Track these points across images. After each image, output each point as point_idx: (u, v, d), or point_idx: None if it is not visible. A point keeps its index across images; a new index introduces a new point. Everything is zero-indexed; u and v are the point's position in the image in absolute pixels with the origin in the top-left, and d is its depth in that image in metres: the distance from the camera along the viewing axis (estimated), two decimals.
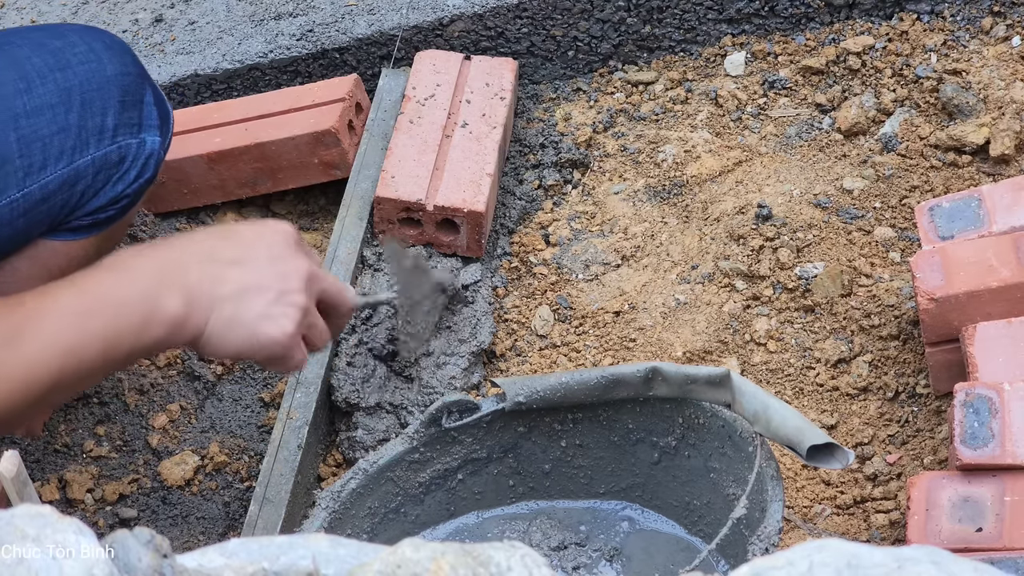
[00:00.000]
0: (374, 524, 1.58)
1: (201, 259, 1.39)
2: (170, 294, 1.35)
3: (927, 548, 0.84)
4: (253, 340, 1.39)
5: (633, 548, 1.60)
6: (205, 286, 1.37)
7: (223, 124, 2.06)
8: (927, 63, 2.06)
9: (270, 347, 1.40)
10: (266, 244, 1.42)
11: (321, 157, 2.01)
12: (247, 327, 1.38)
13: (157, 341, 1.35)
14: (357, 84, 2.08)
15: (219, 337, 1.38)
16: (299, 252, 1.44)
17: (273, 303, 1.40)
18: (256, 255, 1.41)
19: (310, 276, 1.43)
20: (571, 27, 2.17)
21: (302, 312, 1.41)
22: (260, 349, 1.40)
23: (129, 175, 1.67)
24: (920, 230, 1.75)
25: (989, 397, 1.52)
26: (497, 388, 1.65)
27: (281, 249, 1.43)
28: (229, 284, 1.38)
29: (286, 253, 1.43)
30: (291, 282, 1.41)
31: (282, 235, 1.44)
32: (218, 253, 1.40)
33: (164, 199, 2.06)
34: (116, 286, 1.35)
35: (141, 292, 1.34)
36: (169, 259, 1.38)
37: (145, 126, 1.68)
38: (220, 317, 1.37)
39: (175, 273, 1.36)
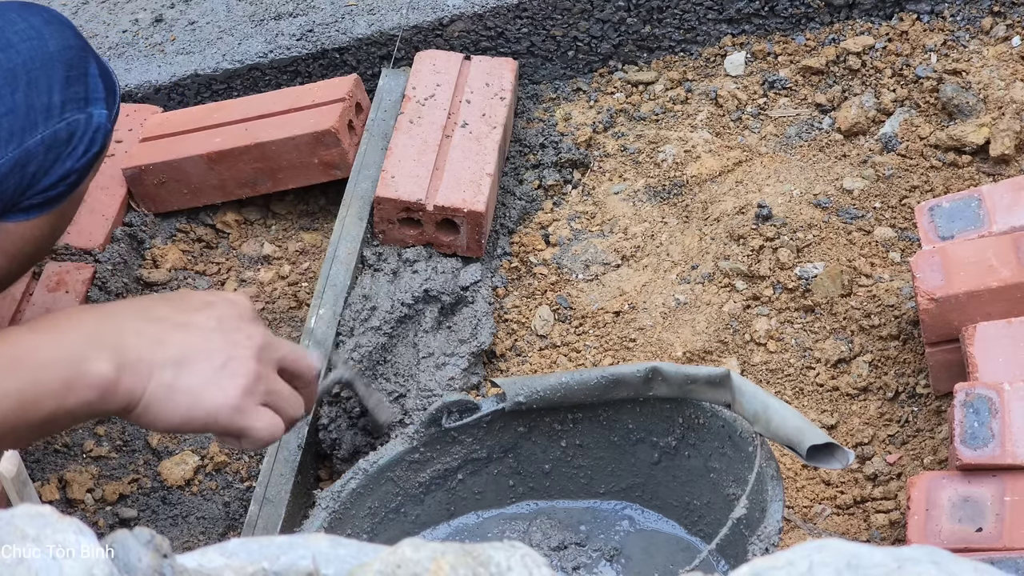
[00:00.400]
0: (374, 524, 1.58)
1: (140, 320, 1.32)
2: (99, 356, 1.27)
3: (927, 548, 0.84)
4: (197, 409, 1.31)
5: (633, 548, 1.60)
6: (143, 350, 1.30)
7: (223, 124, 2.06)
8: (927, 63, 2.06)
9: (216, 415, 1.32)
10: (215, 312, 1.36)
11: (321, 157, 2.01)
12: (189, 395, 1.31)
13: (84, 405, 1.27)
14: (357, 84, 2.08)
15: (159, 405, 1.30)
16: (251, 323, 1.37)
17: (219, 369, 1.32)
18: (202, 321, 1.34)
19: (262, 345, 1.36)
20: (571, 27, 2.17)
21: (251, 378, 1.34)
22: (206, 418, 1.32)
23: (78, 150, 1.64)
24: (920, 230, 1.75)
25: (989, 397, 1.52)
26: (497, 388, 1.65)
27: (231, 319, 1.36)
28: (170, 348, 1.31)
29: (236, 323, 1.36)
30: (239, 349, 1.34)
31: (234, 306, 1.37)
32: (160, 315, 1.33)
33: (164, 199, 2.06)
34: (40, 345, 1.28)
35: (67, 353, 1.27)
36: (104, 319, 1.31)
37: (91, 99, 1.65)
38: (159, 384, 1.30)
39: (108, 334, 1.29)
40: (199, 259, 2.06)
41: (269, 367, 1.38)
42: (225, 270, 2.05)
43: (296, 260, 2.05)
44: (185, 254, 2.05)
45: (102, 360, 1.27)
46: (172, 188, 2.05)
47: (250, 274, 2.04)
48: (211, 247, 2.08)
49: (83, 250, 1.98)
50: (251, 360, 1.34)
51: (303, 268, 2.04)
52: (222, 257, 2.06)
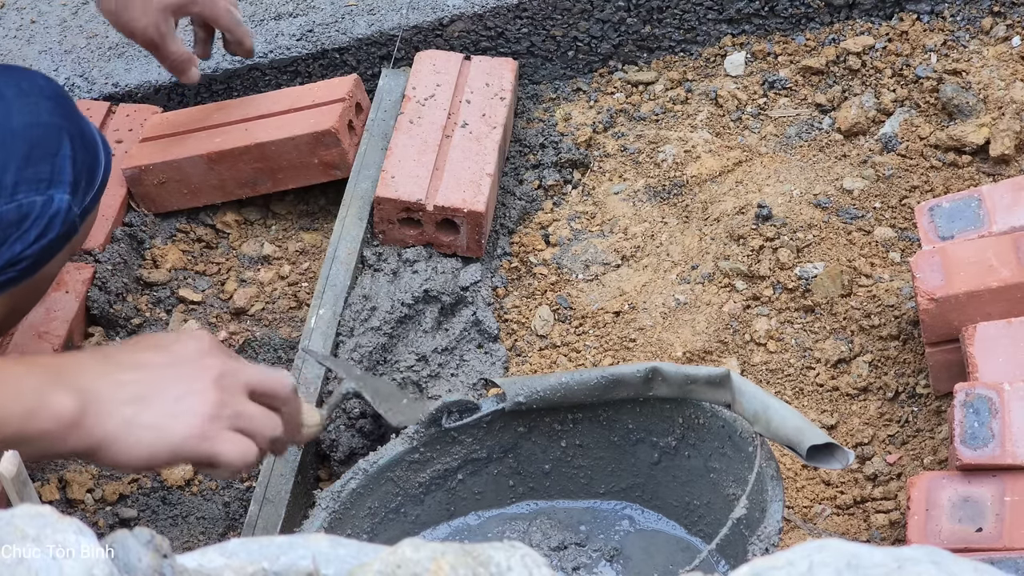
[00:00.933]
0: (374, 524, 1.58)
1: (98, 363, 1.33)
2: (61, 392, 1.28)
3: (927, 548, 0.85)
4: (160, 442, 1.32)
5: (633, 548, 1.60)
6: (103, 390, 1.31)
7: (223, 124, 2.06)
8: (927, 63, 2.06)
9: (180, 447, 1.33)
10: (173, 349, 1.37)
11: (321, 157, 2.01)
12: (151, 429, 1.32)
13: (45, 435, 1.28)
14: (357, 84, 2.08)
15: (122, 443, 1.31)
16: (211, 355, 1.38)
17: (177, 401, 1.33)
18: (158, 359, 1.35)
19: (221, 372, 1.37)
20: (571, 27, 2.17)
21: (212, 405, 1.35)
22: (171, 450, 1.33)
23: (30, 235, 1.57)
24: (920, 230, 1.75)
25: (989, 397, 1.52)
26: (497, 388, 1.65)
27: (189, 354, 1.37)
28: (128, 387, 1.32)
29: (193, 357, 1.37)
30: (196, 381, 1.35)
31: (193, 341, 1.38)
32: (118, 358, 1.34)
33: (164, 199, 2.06)
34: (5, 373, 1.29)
35: (32, 383, 1.28)
36: (65, 362, 1.33)
37: (55, 182, 1.58)
38: (121, 422, 1.31)
39: (70, 374, 1.30)
40: (199, 259, 2.06)
41: (234, 392, 1.38)
42: (225, 270, 2.05)
43: (296, 260, 2.05)
44: (185, 254, 2.05)
45: (64, 396, 1.29)
46: (172, 188, 2.05)
47: (250, 274, 2.04)
48: (211, 247, 2.08)
49: (83, 250, 1.98)
50: (210, 389, 1.35)
51: (303, 268, 2.04)
52: (222, 257, 2.06)
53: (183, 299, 2.00)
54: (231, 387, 1.38)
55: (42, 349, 1.86)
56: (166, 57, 1.96)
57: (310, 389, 1.80)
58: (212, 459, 1.35)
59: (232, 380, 1.38)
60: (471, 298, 1.92)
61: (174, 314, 1.98)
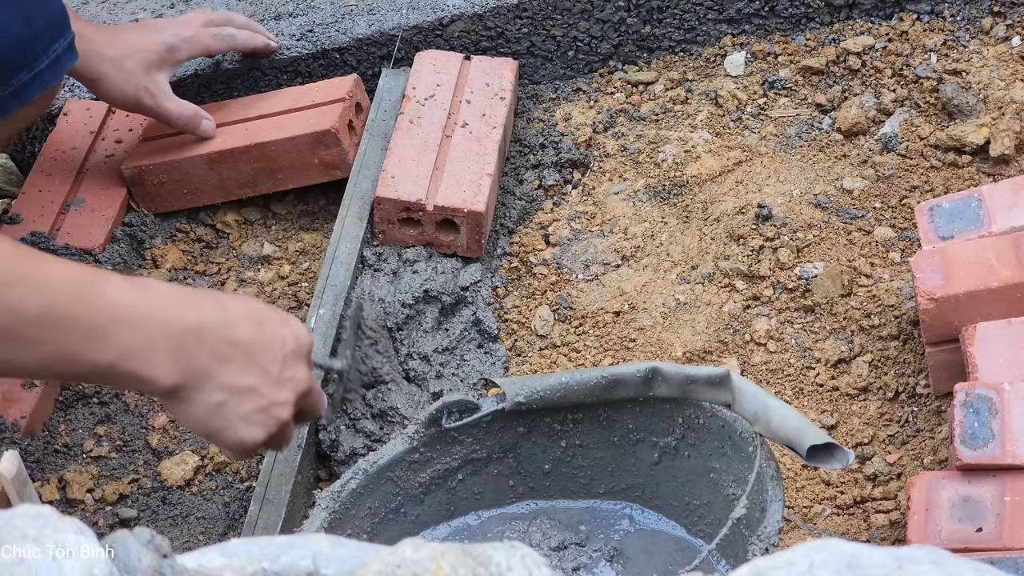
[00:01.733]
0: (374, 524, 1.58)
1: (220, 339, 1.36)
2: (170, 365, 1.32)
3: (927, 548, 0.85)
4: (225, 434, 1.39)
5: (633, 548, 1.60)
6: (211, 366, 1.36)
7: (223, 124, 2.06)
8: (927, 63, 2.07)
9: (236, 447, 1.41)
10: (281, 348, 1.42)
11: (321, 157, 2.01)
12: (226, 421, 1.38)
13: (129, 382, 1.33)
14: (357, 84, 2.08)
15: (200, 414, 1.37)
16: (305, 363, 1.45)
17: (260, 411, 1.40)
18: (268, 356, 1.40)
19: (305, 391, 1.45)
20: (571, 27, 2.17)
21: (281, 426, 1.42)
22: (225, 443, 1.41)
23: None
24: (920, 230, 1.75)
25: (989, 397, 1.52)
26: (497, 388, 1.65)
27: (293, 357, 1.43)
28: (231, 377, 1.37)
29: (294, 362, 1.43)
30: (285, 393, 1.42)
31: (299, 344, 1.44)
32: (239, 338, 1.38)
33: (164, 199, 2.06)
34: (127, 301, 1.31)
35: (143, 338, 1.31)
36: (193, 321, 1.35)
37: None
38: (208, 400, 1.36)
39: (190, 340, 1.34)
40: (199, 259, 2.06)
41: (294, 413, 1.46)
42: (225, 270, 2.05)
43: (296, 260, 2.05)
44: (185, 254, 2.05)
45: (171, 371, 1.33)
46: (172, 188, 2.05)
47: (250, 274, 2.04)
48: (211, 247, 2.08)
49: (83, 250, 1.98)
50: (289, 407, 1.43)
51: (303, 268, 2.04)
52: (222, 257, 2.06)
53: None
54: (299, 405, 1.46)
55: None
56: (168, 119, 1.98)
57: None
58: (232, 452, 1.43)
59: (304, 399, 1.46)
60: (471, 298, 1.92)
61: None
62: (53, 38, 1.73)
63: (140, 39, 1.95)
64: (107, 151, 2.10)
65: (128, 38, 1.95)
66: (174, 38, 1.97)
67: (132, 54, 1.93)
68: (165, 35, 1.96)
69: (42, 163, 2.09)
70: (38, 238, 1.98)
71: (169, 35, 1.97)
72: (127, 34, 1.96)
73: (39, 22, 1.71)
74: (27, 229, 1.99)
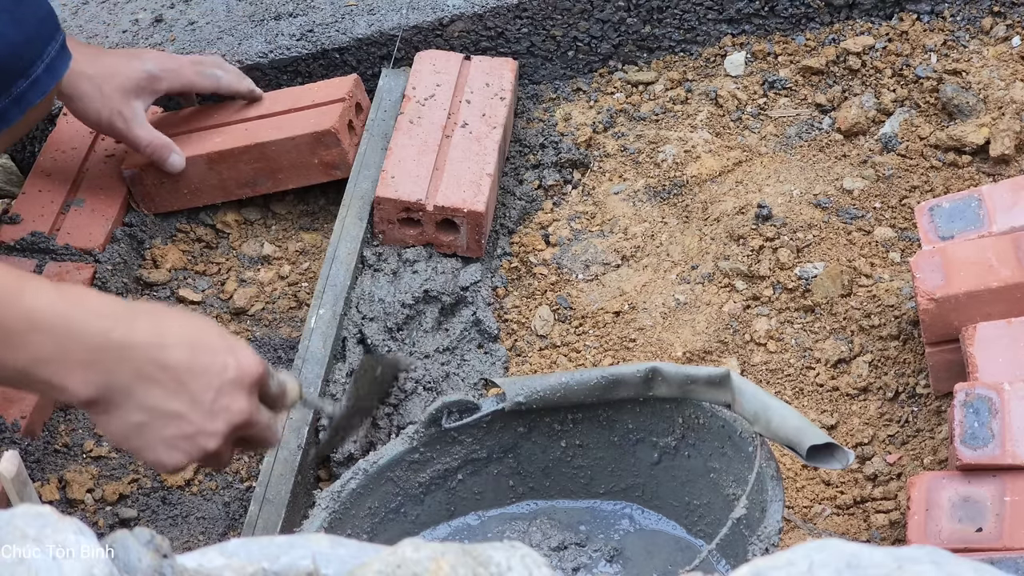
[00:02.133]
0: (374, 524, 1.58)
1: (151, 363, 1.35)
2: (83, 377, 1.32)
3: (927, 548, 0.85)
4: (143, 454, 1.38)
5: (633, 548, 1.60)
6: (133, 386, 1.34)
7: (223, 124, 2.06)
8: (927, 63, 2.07)
9: (155, 467, 1.41)
10: (218, 376, 1.39)
11: (321, 157, 2.01)
12: (144, 441, 1.37)
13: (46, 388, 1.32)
14: (357, 84, 2.08)
15: (116, 430, 1.36)
16: (245, 394, 1.41)
17: (184, 438, 1.38)
18: (201, 383, 1.38)
19: (242, 423, 1.42)
20: (571, 27, 2.17)
21: (206, 455, 1.40)
22: (144, 461, 1.40)
23: None
24: (920, 230, 1.75)
25: (989, 397, 1.52)
26: (497, 388, 1.65)
27: (231, 387, 1.40)
28: (156, 400, 1.36)
29: (232, 391, 1.40)
30: (216, 424, 1.39)
31: (241, 374, 1.40)
32: (172, 362, 1.36)
33: (164, 199, 2.06)
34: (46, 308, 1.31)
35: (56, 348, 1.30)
36: (118, 334, 1.33)
37: None
38: (127, 419, 1.36)
39: (112, 354, 1.32)
40: (199, 259, 2.06)
41: (228, 443, 1.43)
42: (225, 270, 2.05)
43: (296, 260, 2.05)
44: (185, 254, 2.05)
45: (87, 385, 1.32)
46: (172, 188, 2.05)
47: (250, 274, 2.04)
48: (211, 247, 2.08)
49: (83, 250, 1.98)
50: (218, 437, 1.40)
51: (303, 268, 2.04)
52: (222, 257, 2.06)
53: (183, 299, 2.00)
54: (234, 437, 1.43)
55: None
56: (137, 147, 1.97)
57: (310, 388, 1.80)
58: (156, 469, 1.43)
59: (242, 432, 1.43)
60: (471, 298, 1.92)
61: None
62: (45, 41, 1.73)
63: (122, 64, 1.94)
64: (107, 151, 2.10)
65: (110, 61, 1.94)
66: (156, 68, 1.96)
67: (112, 76, 1.92)
68: (148, 64, 1.96)
69: (42, 163, 2.09)
70: (38, 238, 1.98)
71: (152, 64, 1.96)
72: (110, 57, 1.96)
73: (30, 26, 1.71)
74: (27, 229, 1.99)
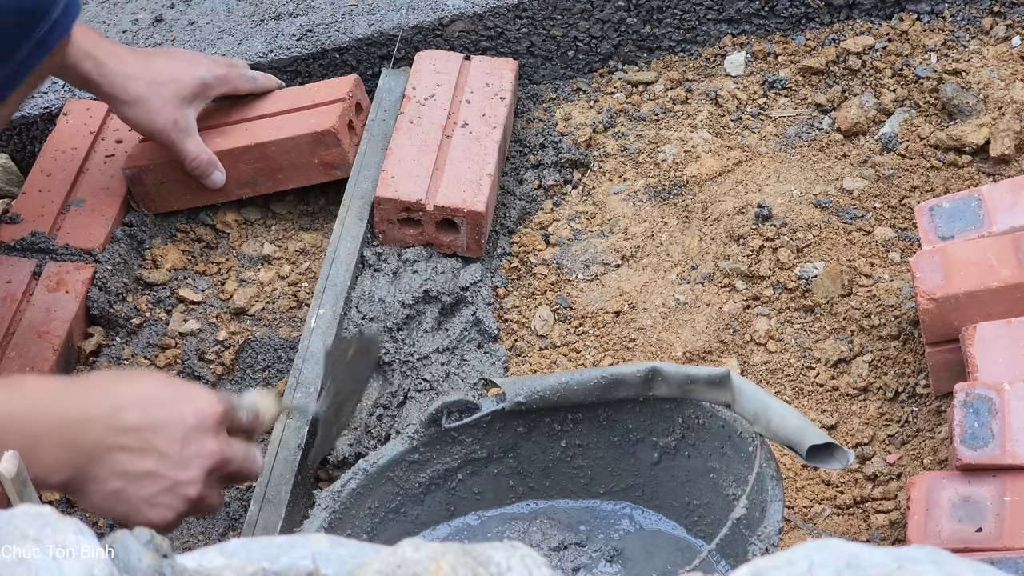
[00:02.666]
0: (374, 524, 1.58)
1: (105, 431, 1.36)
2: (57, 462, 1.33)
3: (927, 548, 0.85)
4: (131, 518, 1.39)
5: (633, 548, 1.60)
6: (101, 456, 1.35)
7: (223, 124, 2.06)
8: (927, 63, 2.07)
9: (142, 523, 1.38)
10: (180, 427, 1.39)
11: (321, 157, 2.01)
12: (129, 506, 1.38)
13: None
14: (357, 84, 2.08)
15: (99, 501, 1.37)
16: (212, 436, 1.42)
17: (164, 492, 1.39)
18: (164, 438, 1.38)
19: (217, 464, 1.42)
20: (571, 27, 2.17)
21: (190, 504, 1.41)
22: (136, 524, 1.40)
23: None
24: (920, 230, 1.75)
25: (989, 397, 1.52)
26: (497, 388, 1.65)
27: (196, 433, 1.40)
28: (125, 464, 1.36)
29: (198, 437, 1.40)
30: (190, 472, 1.40)
31: (202, 418, 1.41)
32: (128, 424, 1.37)
33: (164, 199, 2.06)
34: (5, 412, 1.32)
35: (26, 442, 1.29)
36: (73, 417, 1.34)
37: None
38: (103, 489, 1.36)
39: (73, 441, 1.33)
40: (199, 259, 2.06)
41: (210, 483, 1.44)
42: (225, 270, 2.05)
43: (296, 260, 2.05)
44: (185, 254, 2.05)
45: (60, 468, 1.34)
46: (172, 188, 2.05)
47: (250, 274, 2.04)
48: (211, 247, 2.08)
49: (83, 250, 1.98)
50: (197, 484, 1.41)
51: (303, 268, 2.04)
52: (222, 257, 2.06)
53: (183, 299, 2.00)
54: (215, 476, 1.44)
55: (42, 349, 1.86)
56: (184, 158, 1.96)
57: (310, 390, 1.80)
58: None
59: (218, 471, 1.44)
60: (471, 298, 1.92)
61: (174, 314, 1.98)
62: None
63: (177, 69, 1.93)
64: (107, 151, 2.10)
65: (161, 64, 1.93)
66: (209, 75, 1.95)
67: (169, 83, 1.91)
68: (201, 70, 1.95)
69: (42, 163, 2.09)
70: (38, 238, 1.98)
71: (204, 71, 1.95)
72: (159, 59, 1.94)
73: None
74: (27, 229, 1.99)
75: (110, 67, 1.87)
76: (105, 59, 1.87)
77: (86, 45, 1.85)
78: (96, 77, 1.87)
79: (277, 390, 1.64)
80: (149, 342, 1.94)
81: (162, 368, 1.91)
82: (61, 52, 1.74)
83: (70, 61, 1.83)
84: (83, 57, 1.85)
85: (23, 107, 2.20)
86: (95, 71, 1.86)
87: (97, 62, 1.86)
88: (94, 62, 1.86)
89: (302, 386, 1.80)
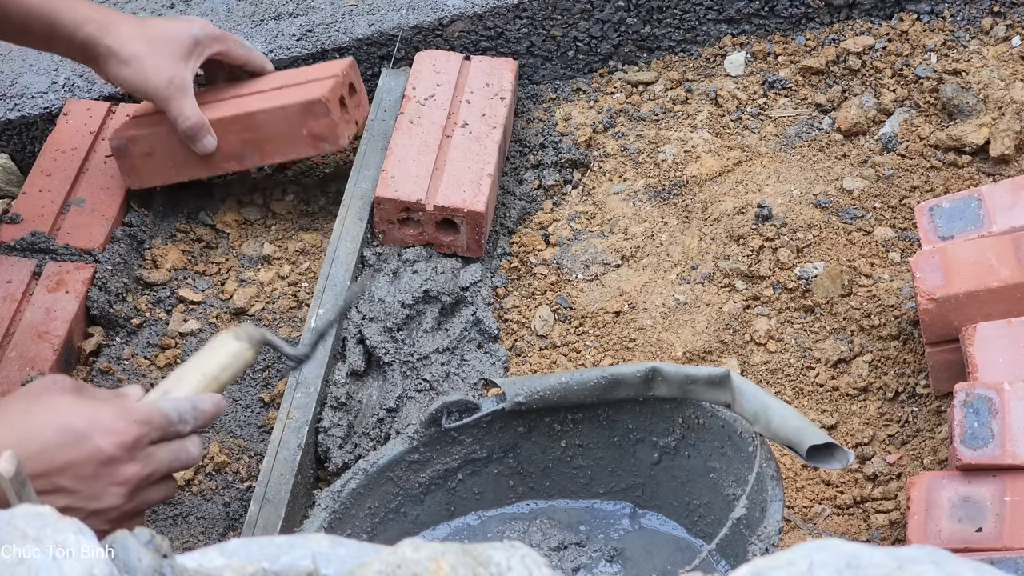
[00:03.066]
0: (374, 524, 1.58)
1: None
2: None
3: (927, 548, 0.85)
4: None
5: (633, 548, 1.60)
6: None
7: (216, 100, 2.02)
8: (927, 63, 2.07)
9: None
10: (89, 463, 1.38)
11: (310, 128, 1.98)
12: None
13: None
14: (352, 66, 2.05)
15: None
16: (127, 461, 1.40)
17: (91, 516, 1.37)
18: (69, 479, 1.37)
19: (136, 486, 1.41)
20: (571, 27, 2.17)
21: (124, 514, 1.40)
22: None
23: None
24: (920, 230, 1.75)
25: (989, 397, 1.52)
26: (497, 388, 1.66)
27: (105, 468, 1.39)
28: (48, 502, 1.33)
29: (108, 472, 1.39)
30: (107, 500, 1.39)
31: (112, 449, 1.39)
32: (31, 473, 1.31)
33: (149, 172, 2.03)
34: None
35: None
36: None
37: None
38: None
39: None
40: (199, 259, 2.06)
41: (142, 491, 1.43)
42: (225, 270, 2.05)
43: (296, 260, 2.05)
44: (185, 254, 2.05)
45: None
46: (157, 160, 2.01)
47: (250, 274, 2.04)
48: (211, 247, 2.08)
49: (83, 250, 1.98)
50: (117, 510, 1.41)
51: (303, 268, 2.04)
52: (222, 257, 2.06)
53: (183, 299, 2.00)
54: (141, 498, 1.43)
55: (42, 349, 1.86)
56: (178, 117, 1.95)
57: (310, 390, 1.80)
58: None
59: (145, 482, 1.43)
60: (471, 298, 1.92)
61: (174, 314, 1.98)
62: None
63: (172, 27, 1.94)
64: (107, 151, 2.09)
65: (158, 24, 1.95)
66: (202, 32, 1.96)
67: (166, 40, 1.92)
68: (195, 28, 1.95)
69: (42, 163, 2.09)
70: (38, 238, 1.98)
71: (198, 29, 1.95)
72: (156, 22, 1.97)
73: None
74: (27, 229, 1.99)
75: (111, 28, 1.89)
76: (107, 21, 1.89)
77: (87, 10, 1.88)
78: (96, 38, 1.88)
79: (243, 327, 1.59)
80: (149, 342, 1.94)
81: (161, 368, 1.91)
82: None
83: (70, 26, 1.85)
84: (85, 20, 1.87)
85: (23, 107, 2.20)
86: (96, 32, 1.88)
87: (99, 25, 1.89)
88: (96, 25, 1.88)
89: (302, 386, 1.80)
